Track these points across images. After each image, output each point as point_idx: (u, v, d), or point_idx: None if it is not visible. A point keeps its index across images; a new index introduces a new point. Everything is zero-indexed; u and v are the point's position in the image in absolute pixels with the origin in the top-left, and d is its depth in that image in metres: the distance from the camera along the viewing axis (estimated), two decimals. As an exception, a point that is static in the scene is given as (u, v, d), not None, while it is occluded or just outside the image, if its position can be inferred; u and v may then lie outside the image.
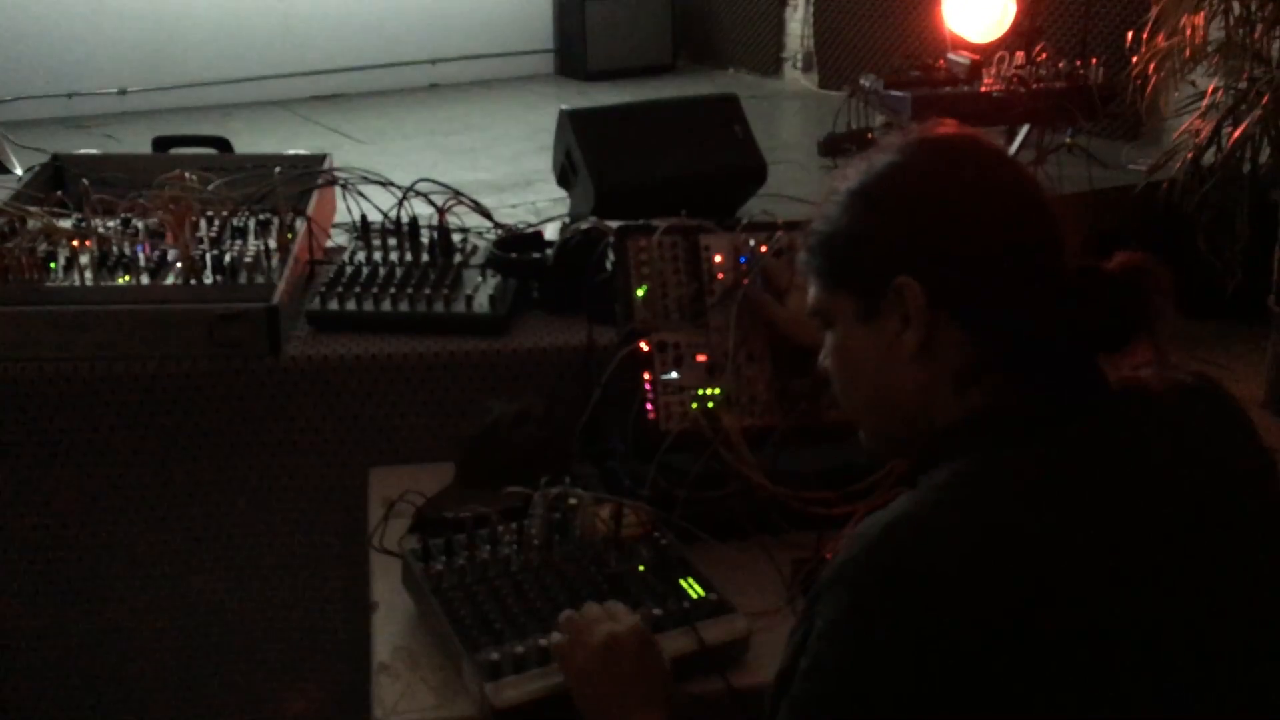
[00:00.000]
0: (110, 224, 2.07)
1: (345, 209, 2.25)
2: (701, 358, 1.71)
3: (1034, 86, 3.27)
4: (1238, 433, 1.11)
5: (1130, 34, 3.18)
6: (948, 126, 1.14)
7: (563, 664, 1.28)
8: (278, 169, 2.21)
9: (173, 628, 2.02)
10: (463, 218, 2.21)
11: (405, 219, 2.13)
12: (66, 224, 2.08)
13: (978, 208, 1.07)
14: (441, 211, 2.13)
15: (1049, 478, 1.00)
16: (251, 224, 2.11)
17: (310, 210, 2.16)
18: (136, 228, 2.07)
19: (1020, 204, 1.08)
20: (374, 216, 2.17)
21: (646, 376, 1.69)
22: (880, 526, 0.99)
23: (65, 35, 4.37)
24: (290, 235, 2.07)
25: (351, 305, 1.97)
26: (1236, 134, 2.87)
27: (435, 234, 2.10)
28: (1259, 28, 2.90)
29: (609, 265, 1.81)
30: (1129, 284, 1.08)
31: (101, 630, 2.01)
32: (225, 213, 2.12)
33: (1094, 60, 3.30)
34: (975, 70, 3.35)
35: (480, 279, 2.03)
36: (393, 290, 1.98)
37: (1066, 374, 1.06)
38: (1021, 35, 3.49)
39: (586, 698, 1.26)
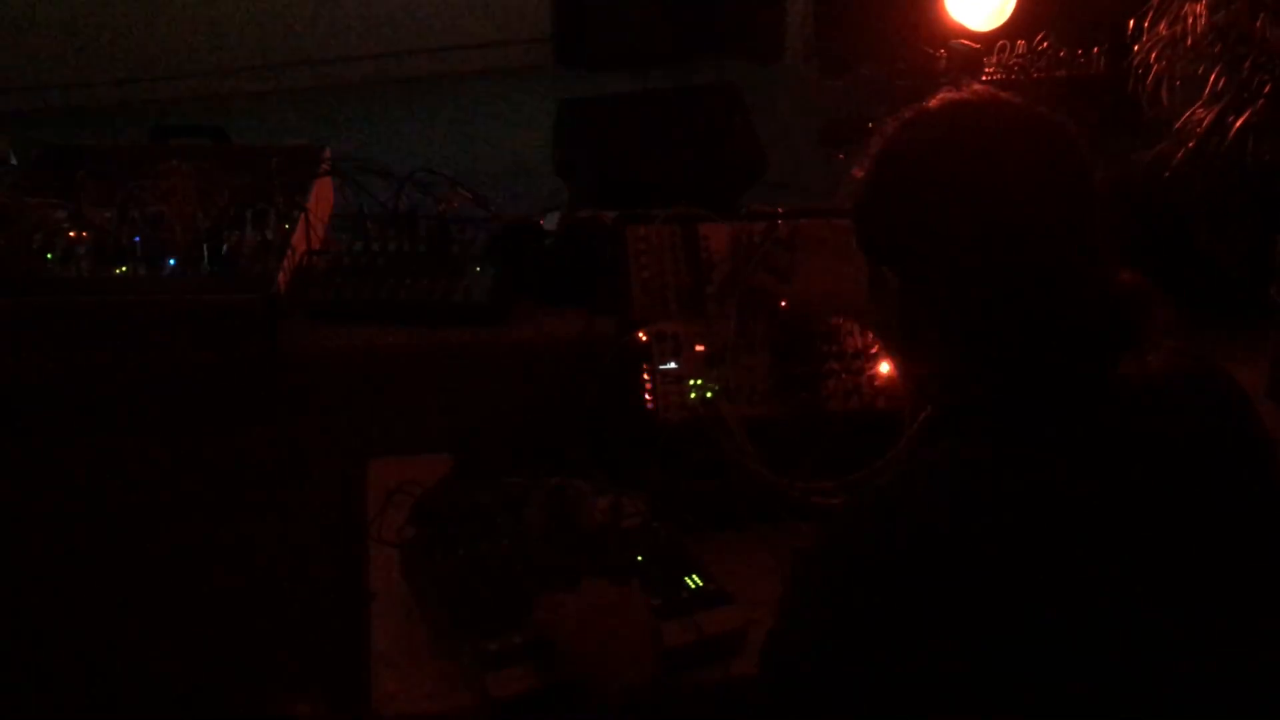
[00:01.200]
0: (107, 215, 2.06)
1: (343, 199, 2.24)
2: (700, 347, 1.70)
3: (1035, 76, 3.26)
4: (1239, 419, 1.10)
5: (1132, 22, 3.16)
6: (971, 93, 1.09)
7: (550, 631, 1.29)
8: (275, 159, 2.20)
9: (170, 619, 2.01)
10: (461, 208, 2.20)
11: (403, 209, 2.12)
12: (63, 215, 2.07)
13: (975, 188, 1.02)
14: (440, 201, 2.13)
15: (1044, 458, 1.00)
16: (249, 215, 2.10)
17: (308, 201, 2.15)
18: (134, 218, 2.06)
19: (1029, 184, 1.03)
20: (372, 207, 2.16)
21: (645, 367, 1.68)
22: (868, 493, 1.03)
23: (63, 25, 4.36)
24: (287, 226, 2.06)
25: (349, 296, 1.96)
26: (1239, 123, 2.86)
27: (433, 224, 2.09)
28: (1261, 16, 2.89)
29: (608, 255, 1.80)
30: (1130, 306, 1.07)
31: (100, 626, 2.01)
32: (222, 203, 2.11)
33: (1095, 49, 3.28)
34: (976, 59, 3.33)
35: (478, 269, 2.02)
36: (390, 281, 1.98)
37: (1070, 357, 1.06)
38: (1023, 24, 3.47)
39: (575, 658, 1.26)
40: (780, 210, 1.79)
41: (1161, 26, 3.02)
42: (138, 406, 1.91)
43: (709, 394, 1.67)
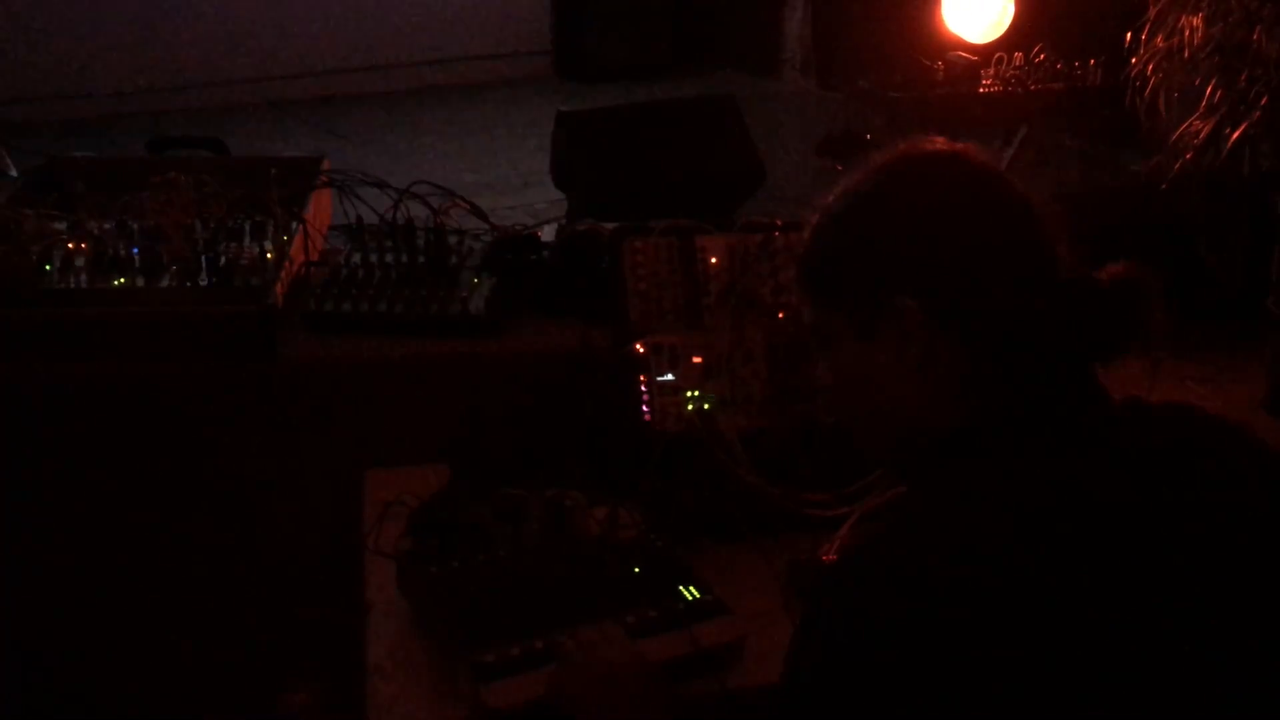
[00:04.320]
0: (105, 226, 2.06)
1: (341, 211, 2.24)
2: (697, 359, 1.70)
3: (1032, 88, 3.27)
4: (1236, 445, 1.09)
5: (1129, 35, 3.17)
6: (934, 143, 1.15)
7: (560, 694, 1.28)
8: (273, 171, 2.21)
9: (167, 629, 2.01)
10: (459, 219, 2.20)
11: (401, 221, 2.12)
12: (62, 226, 2.07)
13: (964, 223, 1.08)
14: (437, 213, 2.13)
15: (1045, 489, 1.00)
16: (247, 226, 2.11)
17: (306, 212, 2.15)
18: (132, 230, 2.06)
19: (1007, 218, 1.09)
20: (370, 218, 2.16)
21: (642, 378, 1.68)
22: (880, 534, 1.00)
23: (61, 38, 4.37)
24: (285, 237, 2.07)
25: (347, 307, 1.96)
26: (1236, 135, 2.86)
27: (431, 236, 2.10)
28: (1258, 28, 2.90)
29: (605, 267, 1.81)
30: (1120, 294, 1.07)
31: (99, 628, 2.00)
32: (220, 215, 2.11)
33: (1092, 61, 3.29)
34: (974, 71, 3.35)
35: (475, 280, 2.02)
36: (388, 292, 1.98)
37: (1063, 385, 1.06)
38: (1020, 36, 3.48)
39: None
40: (777, 222, 1.79)
41: (1159, 39, 3.03)
42: (135, 417, 1.91)
43: (706, 405, 1.67)
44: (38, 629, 2.00)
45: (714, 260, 1.75)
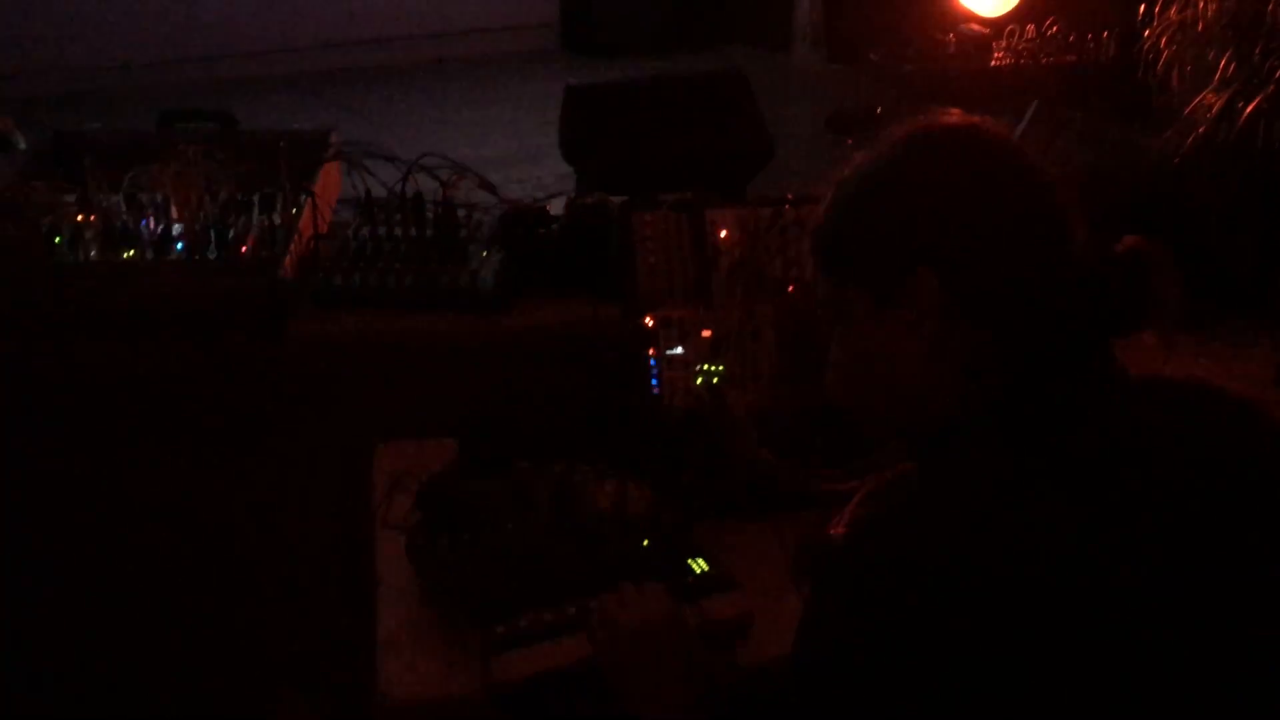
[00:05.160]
0: (114, 199, 2.06)
1: (349, 184, 2.24)
2: (706, 333, 1.70)
3: (1044, 61, 3.25)
4: (1255, 425, 1.09)
5: (1142, 7, 3.15)
6: (951, 116, 1.14)
7: (595, 645, 1.29)
8: (282, 144, 2.20)
9: (176, 602, 2.02)
10: (467, 193, 2.20)
11: (409, 194, 2.12)
12: (71, 199, 2.07)
13: (984, 197, 1.07)
14: (446, 187, 2.12)
15: (1057, 470, 0.99)
16: (256, 199, 2.11)
17: (314, 185, 2.15)
18: (141, 203, 2.06)
19: (1026, 191, 1.08)
20: (378, 192, 2.16)
21: (651, 352, 1.69)
22: (885, 516, 1.00)
23: (69, 10, 4.36)
24: (294, 211, 2.07)
25: (355, 281, 1.96)
26: (1249, 109, 2.84)
27: (439, 209, 2.09)
28: (1272, 1, 2.87)
29: (614, 241, 1.80)
30: (1134, 266, 1.07)
31: (103, 615, 2.01)
32: (229, 188, 2.11)
33: (1105, 34, 3.27)
34: (985, 44, 3.33)
35: (485, 254, 2.02)
36: (397, 266, 1.98)
37: (1080, 360, 1.06)
38: (1032, 8, 3.46)
39: (618, 679, 1.26)
40: (788, 196, 1.79)
41: (1172, 11, 3.01)
42: (143, 390, 1.92)
43: (715, 379, 1.67)
44: (34, 617, 2.00)
45: (724, 234, 1.75)
